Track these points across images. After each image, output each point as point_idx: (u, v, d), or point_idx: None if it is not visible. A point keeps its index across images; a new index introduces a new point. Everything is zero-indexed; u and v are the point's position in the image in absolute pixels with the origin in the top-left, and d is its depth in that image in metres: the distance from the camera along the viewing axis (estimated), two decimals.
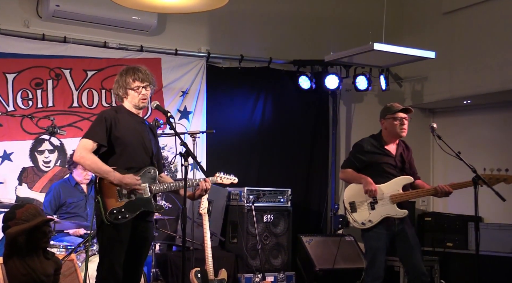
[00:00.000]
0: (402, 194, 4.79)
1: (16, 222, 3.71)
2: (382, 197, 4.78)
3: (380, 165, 4.87)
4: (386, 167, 4.86)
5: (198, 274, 5.44)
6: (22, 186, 6.17)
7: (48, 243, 3.95)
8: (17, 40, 6.21)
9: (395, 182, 4.82)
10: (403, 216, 4.78)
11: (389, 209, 4.77)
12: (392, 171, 4.86)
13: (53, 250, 4.74)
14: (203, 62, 7.12)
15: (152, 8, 5.04)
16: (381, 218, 4.77)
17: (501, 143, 7.62)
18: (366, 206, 4.83)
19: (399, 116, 4.89)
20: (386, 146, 4.94)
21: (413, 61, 6.92)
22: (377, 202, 4.80)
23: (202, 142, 6.97)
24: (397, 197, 4.78)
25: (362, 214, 4.84)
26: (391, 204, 4.77)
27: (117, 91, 4.05)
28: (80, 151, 3.84)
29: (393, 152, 4.92)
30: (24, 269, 3.65)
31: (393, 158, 4.90)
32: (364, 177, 4.82)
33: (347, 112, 8.12)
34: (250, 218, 6.40)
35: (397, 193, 4.78)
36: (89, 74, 6.55)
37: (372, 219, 4.79)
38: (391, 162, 4.88)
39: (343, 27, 7.93)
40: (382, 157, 4.89)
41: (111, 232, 3.80)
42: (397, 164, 4.88)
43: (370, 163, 4.89)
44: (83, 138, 3.88)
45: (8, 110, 6.10)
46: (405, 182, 4.83)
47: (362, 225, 4.81)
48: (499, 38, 7.02)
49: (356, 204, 4.88)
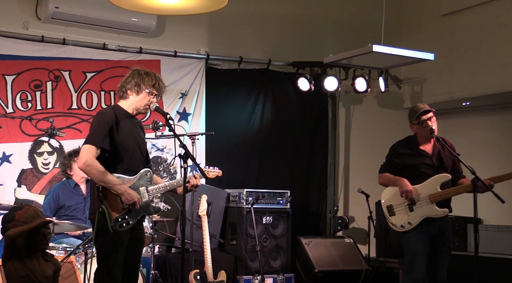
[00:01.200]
0: (441, 193, 4.66)
1: (15, 224, 3.70)
2: (420, 197, 4.66)
3: (416, 166, 4.76)
4: (423, 167, 4.75)
5: (197, 276, 5.44)
6: (21, 188, 6.17)
7: (47, 245, 3.94)
8: (16, 41, 6.21)
9: (432, 181, 4.70)
10: (443, 215, 4.66)
11: (428, 209, 4.65)
12: (428, 171, 4.73)
13: (52, 252, 4.73)
14: (202, 64, 7.13)
15: (151, 10, 5.04)
16: (421, 219, 4.65)
17: (501, 145, 7.62)
18: (405, 208, 4.73)
19: (421, 119, 4.81)
20: (421, 146, 4.83)
21: (412, 63, 6.92)
22: (415, 204, 4.68)
23: (201, 144, 6.97)
24: (435, 196, 4.66)
25: (400, 217, 4.74)
26: (430, 204, 4.65)
27: (129, 85, 3.95)
28: (85, 159, 3.72)
29: (429, 151, 4.80)
30: (23, 271, 3.64)
31: (430, 158, 4.78)
32: (399, 178, 4.72)
33: (346, 114, 8.12)
34: (249, 220, 6.40)
35: (435, 192, 4.66)
36: (88, 76, 6.55)
37: (412, 221, 4.67)
38: (428, 162, 4.77)
39: (342, 29, 7.94)
40: (418, 158, 4.79)
41: (113, 238, 3.80)
42: (434, 163, 4.76)
43: (406, 165, 4.79)
44: (86, 144, 3.77)
45: (7, 112, 6.10)
46: (443, 180, 4.69)
47: (401, 228, 4.70)
48: (498, 40, 7.03)
49: (394, 207, 4.79)
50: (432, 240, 4.70)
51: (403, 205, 4.72)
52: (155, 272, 5.47)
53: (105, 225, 3.74)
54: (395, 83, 8.01)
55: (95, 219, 3.79)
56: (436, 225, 4.68)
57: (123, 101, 4.04)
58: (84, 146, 3.78)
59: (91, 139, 3.79)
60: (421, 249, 4.62)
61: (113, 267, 3.81)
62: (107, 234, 3.77)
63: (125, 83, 3.99)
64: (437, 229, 4.69)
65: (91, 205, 3.92)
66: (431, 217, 4.65)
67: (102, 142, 3.79)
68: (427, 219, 4.64)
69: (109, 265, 3.81)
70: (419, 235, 4.65)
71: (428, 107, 4.88)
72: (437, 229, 4.69)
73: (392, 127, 8.21)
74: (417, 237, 4.64)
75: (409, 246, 4.69)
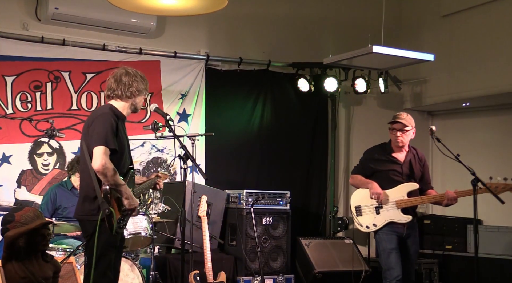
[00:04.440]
0: (407, 200, 4.87)
1: (15, 225, 3.70)
2: (387, 202, 4.87)
3: (386, 172, 4.98)
4: (392, 174, 4.96)
5: (197, 277, 5.44)
6: (21, 189, 6.17)
7: (47, 246, 3.94)
8: (16, 42, 6.21)
9: (400, 188, 4.91)
10: (407, 221, 4.88)
11: (393, 214, 4.87)
12: (398, 178, 4.95)
13: (52, 253, 4.73)
14: (202, 65, 7.12)
15: (151, 10, 5.05)
16: (385, 222, 4.89)
17: (500, 146, 7.62)
18: (372, 210, 4.95)
19: (391, 127, 5.02)
20: (393, 153, 5.02)
21: (412, 63, 6.91)
22: (382, 207, 4.90)
23: (201, 144, 6.97)
24: (402, 203, 4.87)
25: (367, 218, 4.96)
26: (396, 209, 4.87)
27: (126, 87, 3.93)
28: (103, 160, 3.65)
29: (401, 159, 5.00)
30: (23, 272, 3.64)
31: (400, 166, 4.98)
32: (371, 182, 4.95)
33: (346, 114, 8.12)
34: (249, 221, 6.40)
35: (402, 199, 4.87)
36: (88, 76, 6.55)
37: (376, 223, 4.91)
38: (398, 169, 4.98)
39: (342, 30, 7.94)
40: (389, 164, 4.99)
41: (110, 239, 3.79)
42: (404, 171, 4.96)
43: (377, 170, 5.01)
44: (99, 145, 3.69)
45: (7, 113, 6.10)
46: (411, 188, 4.91)
47: (366, 228, 4.95)
48: (498, 41, 7.03)
49: (362, 208, 5.00)
50: (401, 241, 4.92)
51: (371, 207, 4.94)
52: (155, 273, 5.47)
53: (109, 226, 3.71)
54: (395, 84, 8.01)
55: (87, 220, 3.77)
56: (404, 228, 4.90)
57: (117, 102, 3.98)
58: (98, 148, 3.68)
59: (103, 140, 3.71)
60: (395, 247, 4.86)
61: (107, 268, 3.80)
62: (105, 235, 3.75)
63: (124, 84, 3.94)
64: (404, 232, 4.90)
65: (81, 205, 3.85)
66: (395, 222, 4.89)
67: (113, 143, 3.76)
68: (392, 222, 4.88)
69: (104, 266, 3.79)
70: (391, 235, 4.87)
71: (399, 118, 5.03)
72: (404, 232, 4.90)
73: None
74: (390, 237, 4.87)
75: (384, 245, 4.90)
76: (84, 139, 3.87)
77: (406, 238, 4.94)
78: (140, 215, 5.11)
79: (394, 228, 4.89)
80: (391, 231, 4.88)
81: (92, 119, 3.86)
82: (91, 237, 3.76)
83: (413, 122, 5.08)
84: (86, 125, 3.91)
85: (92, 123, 3.82)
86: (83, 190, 3.88)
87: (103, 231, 3.72)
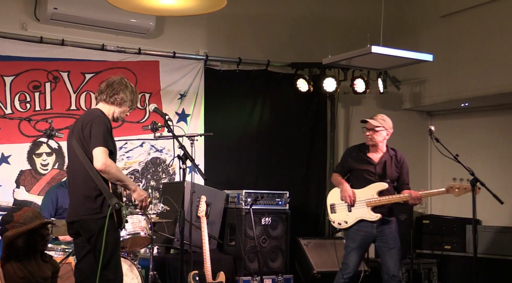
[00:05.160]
0: (376, 199, 5.08)
1: (13, 225, 3.70)
2: (358, 201, 5.12)
3: (361, 171, 5.21)
4: (366, 173, 5.18)
5: (196, 277, 5.44)
6: (19, 189, 6.16)
7: (46, 246, 3.94)
8: (15, 42, 6.20)
9: (371, 187, 5.12)
10: (375, 219, 5.07)
11: (363, 212, 5.09)
12: (371, 178, 5.17)
13: (50, 253, 4.72)
14: (201, 65, 7.12)
15: (150, 11, 5.05)
16: (356, 220, 5.13)
17: (499, 146, 7.63)
18: (344, 208, 5.20)
19: (363, 126, 5.29)
20: (369, 154, 5.23)
21: (411, 64, 6.92)
22: (353, 206, 5.16)
23: (200, 144, 6.97)
24: (371, 202, 5.08)
25: (339, 215, 5.23)
26: (366, 208, 5.09)
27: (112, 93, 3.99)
28: (104, 159, 3.74)
29: (376, 160, 5.20)
30: (22, 272, 3.64)
31: (374, 166, 5.18)
32: (343, 183, 5.22)
33: (345, 115, 8.12)
34: (248, 221, 6.40)
35: (372, 198, 5.08)
36: (87, 76, 6.55)
37: (348, 220, 5.16)
38: (371, 169, 5.19)
39: (341, 30, 7.94)
40: (364, 164, 5.21)
41: (116, 235, 3.86)
42: (377, 172, 5.16)
43: (353, 168, 5.26)
44: (99, 147, 3.77)
45: (5, 113, 6.09)
46: (380, 188, 5.10)
47: (338, 225, 5.26)
48: (497, 41, 7.03)
49: (336, 206, 5.27)
50: (374, 239, 5.16)
51: (344, 205, 5.20)
52: (154, 273, 5.47)
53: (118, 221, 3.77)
54: (394, 84, 8.01)
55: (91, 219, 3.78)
56: (374, 226, 5.11)
57: (105, 105, 4.04)
58: (98, 149, 3.76)
59: (102, 141, 3.79)
60: (355, 246, 5.13)
61: (119, 264, 3.88)
62: (113, 232, 3.79)
63: (122, 92, 4.02)
64: (374, 231, 5.11)
65: (81, 206, 3.85)
66: (366, 220, 5.10)
67: (109, 144, 3.84)
68: (363, 220, 5.11)
69: (117, 262, 3.86)
70: (356, 234, 5.14)
71: (372, 118, 5.23)
72: (375, 230, 5.11)
73: None
74: (355, 236, 5.15)
75: (347, 243, 5.23)
76: (79, 141, 3.88)
77: (379, 235, 5.11)
78: (139, 215, 5.11)
79: (364, 227, 5.11)
80: (359, 230, 5.12)
81: (86, 122, 3.89)
82: (97, 236, 3.77)
83: (387, 124, 5.23)
84: (79, 127, 3.91)
85: (87, 125, 3.86)
86: (80, 191, 3.88)
87: (110, 228, 3.75)
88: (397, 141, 8.16)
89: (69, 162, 4.08)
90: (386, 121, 5.23)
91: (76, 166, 3.91)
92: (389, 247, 5.10)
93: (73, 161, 3.96)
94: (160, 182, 6.84)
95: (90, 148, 3.79)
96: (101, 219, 3.76)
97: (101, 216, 3.77)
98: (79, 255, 3.92)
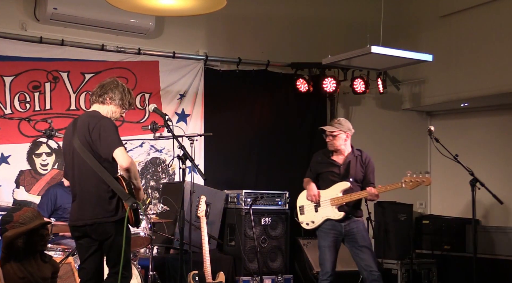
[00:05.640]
0: (339, 198, 5.21)
1: (13, 225, 3.70)
2: (324, 200, 5.26)
3: (326, 174, 5.37)
4: (331, 175, 5.34)
5: (196, 277, 5.44)
6: (19, 189, 6.16)
7: (46, 246, 3.94)
8: (15, 42, 6.20)
9: (335, 187, 5.26)
10: (339, 217, 5.19)
11: (328, 212, 5.23)
12: (335, 179, 5.30)
13: (50, 253, 4.73)
14: (201, 65, 7.12)
15: (150, 11, 5.05)
16: (323, 219, 5.24)
17: (499, 146, 7.63)
18: (312, 209, 5.35)
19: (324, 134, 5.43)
20: (332, 157, 5.39)
21: (411, 64, 6.91)
22: (319, 206, 5.29)
23: (200, 145, 6.97)
24: (335, 200, 5.20)
25: (307, 216, 5.38)
26: (331, 207, 5.21)
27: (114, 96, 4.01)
28: (128, 158, 3.79)
29: (340, 161, 5.35)
30: (22, 273, 3.64)
31: (338, 167, 5.33)
32: (309, 184, 5.38)
33: (344, 115, 8.10)
34: (248, 221, 6.40)
35: (336, 197, 5.21)
36: (86, 77, 6.55)
37: (315, 220, 5.29)
38: (336, 170, 5.34)
39: (341, 30, 7.94)
40: (329, 166, 5.36)
41: (130, 235, 3.93)
42: (341, 172, 5.31)
43: (320, 172, 5.42)
44: (120, 147, 3.80)
45: (5, 113, 6.09)
46: (343, 187, 5.22)
47: (306, 225, 5.37)
48: (496, 41, 7.03)
49: (304, 207, 5.41)
50: (343, 238, 5.26)
51: (311, 206, 5.35)
52: (154, 273, 5.47)
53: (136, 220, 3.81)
54: (393, 84, 8.01)
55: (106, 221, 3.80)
56: (342, 224, 5.22)
57: (100, 106, 4.04)
58: (120, 149, 3.78)
59: (120, 141, 3.84)
60: (327, 245, 5.22)
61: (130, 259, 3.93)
62: (128, 232, 3.85)
63: (110, 92, 4.02)
64: (342, 229, 5.22)
65: (95, 208, 3.84)
66: (331, 219, 5.21)
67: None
68: (330, 219, 5.22)
69: (129, 258, 3.90)
70: (326, 234, 5.24)
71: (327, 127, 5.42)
72: (343, 229, 5.22)
73: (390, 128, 8.23)
74: (325, 235, 5.25)
75: (320, 243, 5.31)
76: (86, 145, 3.86)
77: (348, 234, 5.22)
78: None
79: (332, 226, 5.23)
80: (329, 229, 5.23)
81: (92, 125, 3.87)
82: (114, 237, 3.80)
83: (344, 127, 5.33)
84: (84, 131, 3.89)
85: (94, 129, 3.85)
86: (91, 194, 3.86)
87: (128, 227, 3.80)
88: (397, 141, 8.23)
89: (72, 166, 3.98)
90: (342, 124, 5.37)
91: (83, 170, 3.88)
92: (359, 245, 5.20)
93: (79, 164, 3.91)
94: (159, 182, 6.84)
95: (107, 150, 3.80)
96: (118, 221, 3.79)
97: (117, 218, 3.80)
98: (83, 255, 3.92)
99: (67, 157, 4.04)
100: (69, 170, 4.01)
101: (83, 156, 3.85)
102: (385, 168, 7.62)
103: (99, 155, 3.82)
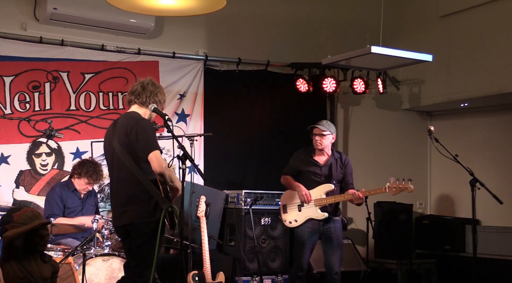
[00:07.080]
0: (322, 199, 5.42)
1: (13, 225, 3.69)
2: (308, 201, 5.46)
3: (307, 173, 5.55)
4: (312, 175, 5.52)
5: (196, 277, 5.44)
6: (19, 189, 6.16)
7: (46, 246, 3.94)
8: (15, 43, 6.20)
9: (319, 188, 5.46)
10: (322, 218, 5.40)
11: (312, 212, 5.44)
12: (317, 179, 5.51)
13: (50, 253, 4.73)
14: (201, 65, 7.12)
15: (149, 11, 5.04)
16: (306, 219, 5.47)
17: (498, 146, 7.63)
18: (295, 208, 5.56)
19: (311, 132, 5.61)
20: (315, 156, 5.57)
21: (411, 64, 6.92)
22: (303, 205, 5.50)
23: (200, 145, 6.97)
24: (319, 201, 5.42)
25: (290, 214, 5.60)
26: (314, 207, 5.43)
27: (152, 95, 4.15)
28: (162, 163, 3.86)
29: (321, 162, 5.54)
30: (21, 273, 3.64)
31: (320, 168, 5.52)
32: (298, 185, 5.51)
33: (344, 115, 8.12)
34: (247, 221, 6.40)
35: (319, 198, 5.42)
36: (86, 77, 6.55)
37: (298, 219, 5.52)
38: (317, 171, 5.52)
39: (341, 30, 7.94)
40: (310, 166, 5.54)
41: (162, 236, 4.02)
42: (323, 173, 5.51)
43: (301, 170, 5.59)
44: (155, 150, 3.88)
45: (5, 113, 6.09)
46: (327, 189, 5.45)
47: (289, 224, 5.59)
48: (496, 41, 7.04)
49: (288, 206, 5.64)
50: (319, 236, 5.50)
51: (295, 205, 5.57)
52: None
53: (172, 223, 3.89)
54: (393, 84, 8.01)
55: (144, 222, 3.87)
56: (320, 224, 5.45)
57: (140, 108, 4.16)
58: (155, 152, 3.87)
59: (156, 144, 3.92)
60: (306, 242, 5.46)
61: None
62: (162, 234, 3.91)
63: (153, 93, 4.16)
64: (320, 228, 5.46)
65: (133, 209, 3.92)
66: (314, 218, 5.44)
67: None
68: (312, 219, 5.45)
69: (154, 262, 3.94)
70: (304, 231, 5.47)
71: (318, 124, 5.58)
72: (321, 228, 5.46)
73: (390, 128, 8.23)
74: (303, 233, 5.49)
75: (296, 239, 5.56)
76: (124, 147, 3.94)
77: (324, 233, 5.45)
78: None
79: (311, 224, 5.45)
80: (307, 227, 5.45)
81: (129, 127, 3.95)
82: (150, 239, 3.86)
83: (333, 129, 5.57)
84: (122, 132, 3.97)
85: (132, 130, 3.93)
86: (129, 194, 3.94)
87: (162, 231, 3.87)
88: (397, 141, 8.24)
89: (112, 166, 4.11)
90: (331, 126, 5.60)
91: (123, 171, 3.97)
92: (332, 245, 5.44)
93: (118, 165, 4.01)
94: None
95: (142, 153, 3.88)
96: (154, 222, 3.86)
97: (153, 219, 3.87)
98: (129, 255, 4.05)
99: (108, 158, 4.16)
100: (109, 171, 4.15)
101: (122, 157, 3.94)
102: (385, 168, 7.64)
103: (137, 156, 3.91)
